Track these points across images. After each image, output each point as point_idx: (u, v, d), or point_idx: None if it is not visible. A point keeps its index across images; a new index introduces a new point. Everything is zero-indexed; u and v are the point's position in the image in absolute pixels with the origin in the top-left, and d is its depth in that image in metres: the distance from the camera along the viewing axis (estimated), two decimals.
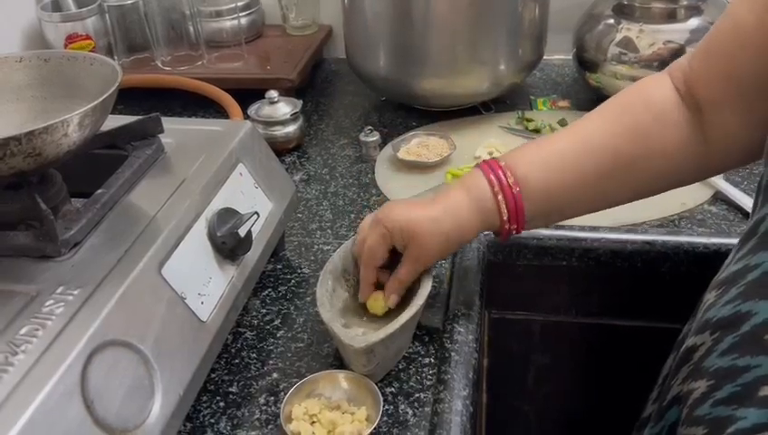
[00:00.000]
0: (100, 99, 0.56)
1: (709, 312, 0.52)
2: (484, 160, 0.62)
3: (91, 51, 1.13)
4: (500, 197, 0.59)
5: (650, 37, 0.97)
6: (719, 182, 0.85)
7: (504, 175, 0.59)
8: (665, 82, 0.60)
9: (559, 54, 1.18)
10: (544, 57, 1.09)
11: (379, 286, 0.66)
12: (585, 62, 1.04)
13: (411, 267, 0.62)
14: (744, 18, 0.53)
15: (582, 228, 0.79)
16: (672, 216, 0.82)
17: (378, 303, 0.65)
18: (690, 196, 0.84)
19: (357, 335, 0.59)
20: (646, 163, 0.59)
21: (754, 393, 0.45)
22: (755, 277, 0.47)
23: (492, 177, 0.60)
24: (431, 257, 0.62)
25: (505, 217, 0.60)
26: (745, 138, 0.57)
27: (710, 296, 0.54)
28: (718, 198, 0.84)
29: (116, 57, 1.17)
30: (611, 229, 0.79)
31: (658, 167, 0.60)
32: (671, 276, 0.78)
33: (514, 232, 0.61)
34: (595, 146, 0.60)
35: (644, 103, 0.60)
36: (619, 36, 0.99)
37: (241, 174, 0.68)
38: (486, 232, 0.66)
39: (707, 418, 0.49)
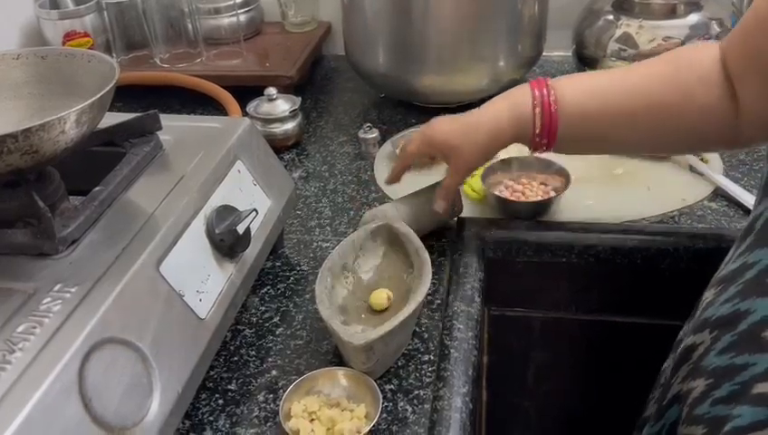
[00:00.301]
0: (98, 96, 0.55)
1: (708, 310, 0.52)
2: (538, 78, 0.67)
3: (89, 48, 1.13)
4: (537, 110, 0.64)
5: (650, 33, 0.96)
6: (719, 178, 0.85)
7: (548, 92, 0.64)
8: (714, 51, 0.62)
9: (558, 51, 1.18)
10: (544, 53, 1.09)
11: (381, 285, 0.66)
12: (585, 59, 1.04)
13: (456, 177, 0.71)
14: (762, 6, 0.56)
15: (582, 225, 0.79)
16: (672, 212, 0.81)
17: (380, 297, 0.65)
18: (690, 192, 0.84)
19: (356, 332, 0.59)
20: (680, 117, 0.62)
21: (749, 391, 0.46)
22: (753, 275, 0.48)
23: (536, 91, 0.65)
24: (471, 165, 0.70)
25: (537, 131, 0.65)
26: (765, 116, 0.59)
27: (709, 295, 0.54)
28: (718, 193, 0.84)
29: (114, 54, 1.16)
30: (611, 225, 0.79)
31: (691, 124, 0.63)
32: (671, 273, 0.78)
33: (545, 148, 0.67)
34: (638, 88, 0.63)
35: (690, 62, 0.63)
36: (618, 32, 0.99)
37: (239, 171, 0.68)
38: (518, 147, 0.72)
39: (706, 417, 0.49)
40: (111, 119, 0.66)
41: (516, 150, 0.91)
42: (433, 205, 0.73)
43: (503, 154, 0.91)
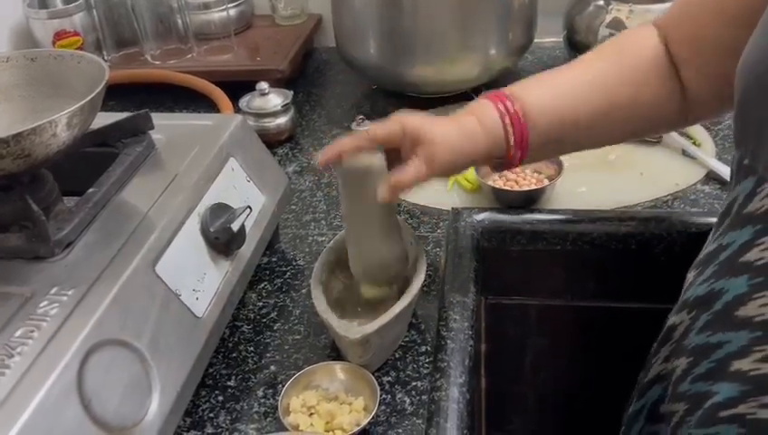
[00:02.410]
0: (88, 98, 0.56)
1: (688, 291, 0.54)
2: (488, 92, 0.63)
3: (79, 47, 1.13)
4: (507, 120, 0.60)
5: (640, 18, 0.96)
6: (711, 161, 0.85)
7: (512, 104, 0.61)
8: (654, 32, 0.63)
9: (549, 37, 1.18)
10: (535, 40, 1.08)
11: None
12: (576, 45, 1.04)
13: (421, 165, 0.58)
14: None
15: (576, 212, 0.79)
16: (665, 196, 0.82)
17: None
18: (683, 176, 0.84)
19: (352, 326, 0.60)
20: (634, 108, 0.62)
21: (726, 368, 0.47)
22: (727, 256, 0.49)
23: (500, 106, 0.61)
24: (441, 161, 0.59)
25: (512, 143, 0.61)
26: (709, 94, 0.60)
27: (690, 276, 0.55)
28: (711, 177, 0.84)
29: (105, 52, 1.16)
30: (605, 212, 0.79)
31: (650, 110, 0.63)
32: (666, 257, 0.78)
33: (517, 162, 0.63)
34: (596, 85, 0.62)
35: (641, 48, 0.62)
36: (609, 18, 0.98)
37: (233, 168, 0.68)
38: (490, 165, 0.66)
39: (688, 394, 0.51)
40: (104, 118, 0.66)
41: None
42: (380, 190, 0.58)
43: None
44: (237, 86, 1.01)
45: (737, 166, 0.49)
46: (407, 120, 0.60)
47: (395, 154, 0.61)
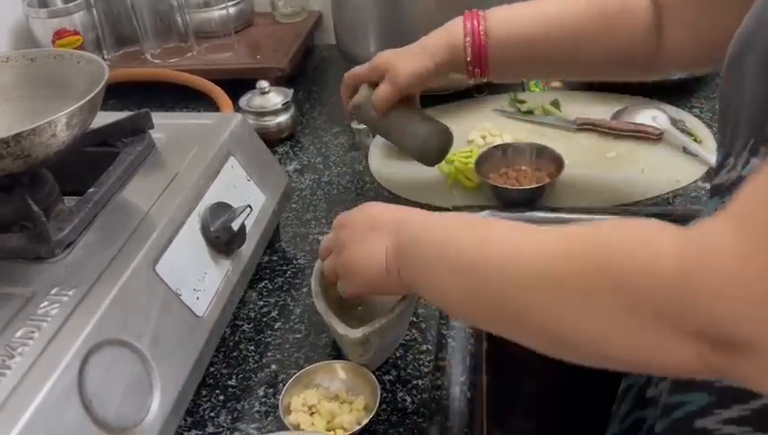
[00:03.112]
0: (88, 97, 0.56)
1: None
2: (474, 10, 0.72)
3: (79, 46, 1.12)
4: (468, 39, 0.70)
5: None
6: (712, 158, 0.85)
7: (479, 22, 0.70)
8: None
9: None
10: None
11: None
12: None
13: (387, 86, 0.74)
14: None
15: (574, 209, 0.79)
16: (666, 194, 0.82)
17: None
18: (684, 173, 0.84)
19: (353, 325, 0.60)
20: (606, 41, 0.67)
21: None
22: None
23: (468, 23, 0.71)
24: (405, 76, 0.73)
25: (469, 59, 0.71)
26: (686, 42, 0.64)
27: None
28: (712, 174, 0.84)
29: (105, 51, 1.16)
30: (606, 209, 0.79)
31: (617, 46, 0.68)
32: None
33: (479, 75, 0.73)
34: (565, 18, 0.68)
35: None
36: None
37: (233, 167, 0.68)
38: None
39: None
40: (103, 118, 0.66)
41: (510, 138, 0.92)
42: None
43: (497, 141, 0.91)
44: (238, 85, 1.01)
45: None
46: (375, 59, 0.77)
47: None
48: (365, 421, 0.56)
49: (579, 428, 0.94)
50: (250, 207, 0.63)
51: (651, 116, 0.92)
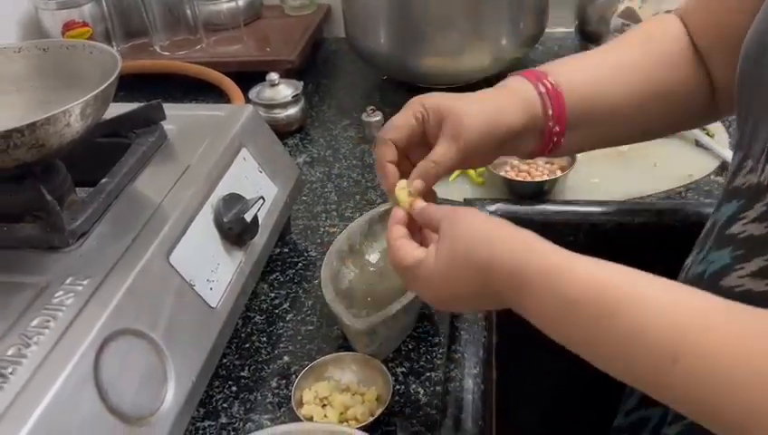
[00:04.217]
0: (102, 87, 0.55)
1: (690, 269, 0.55)
2: (517, 71, 0.58)
3: (88, 38, 1.12)
4: (543, 90, 0.54)
5: (652, 8, 0.96)
6: (725, 152, 0.85)
7: (546, 78, 0.55)
8: (677, 21, 0.60)
9: (561, 27, 1.17)
10: (546, 30, 1.07)
11: (388, 269, 0.65)
12: (588, 35, 1.03)
13: (449, 145, 0.52)
14: None
15: (588, 203, 0.79)
16: (679, 187, 0.81)
17: (404, 192, 0.53)
18: (696, 167, 0.84)
19: (360, 316, 0.59)
20: (676, 94, 0.58)
21: None
22: (717, 229, 0.50)
23: (533, 78, 0.55)
24: (471, 135, 0.52)
25: (550, 112, 0.54)
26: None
27: (690, 257, 0.57)
28: (724, 168, 0.83)
29: (114, 44, 1.16)
30: (618, 203, 0.79)
31: (685, 98, 0.59)
32: (679, 249, 0.77)
33: (555, 139, 0.56)
34: (632, 68, 0.57)
35: (669, 36, 0.59)
36: (621, 7, 0.98)
37: (245, 159, 0.68)
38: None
39: None
40: (115, 109, 0.65)
41: None
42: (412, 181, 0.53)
43: None
44: (247, 77, 1.01)
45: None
46: (426, 98, 0.54)
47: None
48: (378, 412, 0.55)
49: (585, 420, 0.94)
50: (263, 198, 0.63)
51: None
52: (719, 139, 0.88)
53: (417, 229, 0.52)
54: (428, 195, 0.53)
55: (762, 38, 0.45)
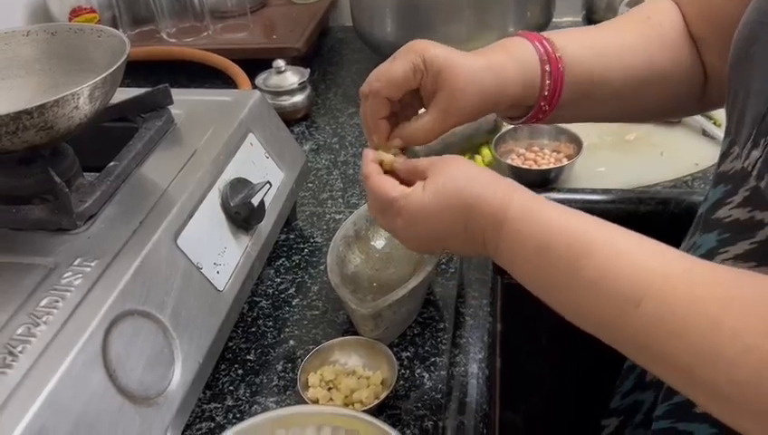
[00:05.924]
0: (110, 70, 0.55)
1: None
2: (522, 32, 0.55)
3: (96, 24, 1.12)
4: (547, 67, 0.52)
5: None
6: None
7: (551, 47, 0.52)
8: (674, 6, 0.60)
9: (568, 16, 1.16)
10: (553, 19, 1.07)
11: (393, 255, 0.65)
12: (595, 23, 1.03)
13: (438, 116, 0.51)
14: None
15: (594, 191, 0.79)
16: (685, 176, 0.81)
17: (387, 148, 0.52)
18: (703, 155, 0.83)
19: (365, 300, 0.60)
20: (671, 76, 0.57)
21: None
22: (704, 213, 0.51)
23: (539, 46, 0.52)
24: (463, 109, 0.51)
25: (546, 93, 0.53)
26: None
27: (681, 246, 0.57)
28: None
29: (121, 30, 1.16)
30: (624, 191, 0.79)
31: (678, 83, 0.58)
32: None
33: (542, 115, 0.55)
34: (633, 47, 0.56)
35: (669, 19, 0.58)
36: None
37: (251, 144, 0.68)
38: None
39: None
40: (122, 94, 0.66)
41: None
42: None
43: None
44: (253, 64, 1.01)
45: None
46: (427, 51, 0.50)
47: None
48: (383, 395, 0.56)
49: (585, 404, 0.94)
50: (269, 183, 0.63)
51: None
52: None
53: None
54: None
55: (752, 27, 0.45)
